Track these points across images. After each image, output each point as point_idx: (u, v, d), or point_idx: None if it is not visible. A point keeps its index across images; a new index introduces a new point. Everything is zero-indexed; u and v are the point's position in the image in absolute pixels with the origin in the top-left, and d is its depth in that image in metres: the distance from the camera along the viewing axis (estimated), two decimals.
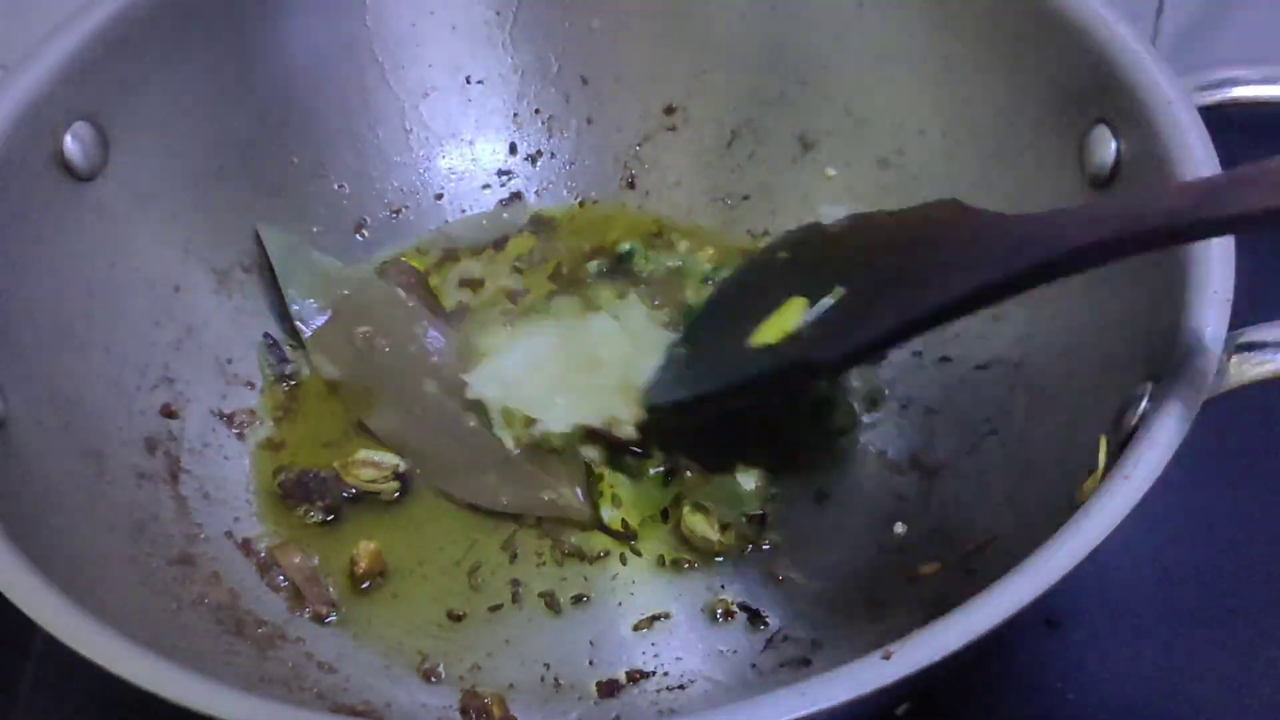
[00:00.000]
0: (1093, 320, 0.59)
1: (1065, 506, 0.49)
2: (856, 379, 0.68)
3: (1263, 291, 0.54)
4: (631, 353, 0.66)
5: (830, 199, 0.72)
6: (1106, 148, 0.59)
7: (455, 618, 0.62)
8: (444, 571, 0.63)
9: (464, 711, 0.57)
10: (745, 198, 0.74)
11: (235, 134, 0.70)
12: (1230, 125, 0.58)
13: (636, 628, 0.61)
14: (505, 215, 0.76)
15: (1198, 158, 0.55)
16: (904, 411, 0.67)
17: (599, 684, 0.59)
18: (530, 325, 0.70)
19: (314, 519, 0.65)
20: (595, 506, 0.65)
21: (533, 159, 0.77)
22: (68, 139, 0.62)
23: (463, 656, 0.60)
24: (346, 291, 0.70)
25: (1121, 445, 0.50)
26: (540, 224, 0.76)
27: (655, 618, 0.61)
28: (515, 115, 0.77)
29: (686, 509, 0.64)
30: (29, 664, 0.64)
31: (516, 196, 0.76)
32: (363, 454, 0.66)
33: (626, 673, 0.60)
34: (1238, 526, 0.66)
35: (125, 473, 0.62)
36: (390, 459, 0.67)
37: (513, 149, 0.77)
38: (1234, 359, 0.51)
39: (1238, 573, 0.65)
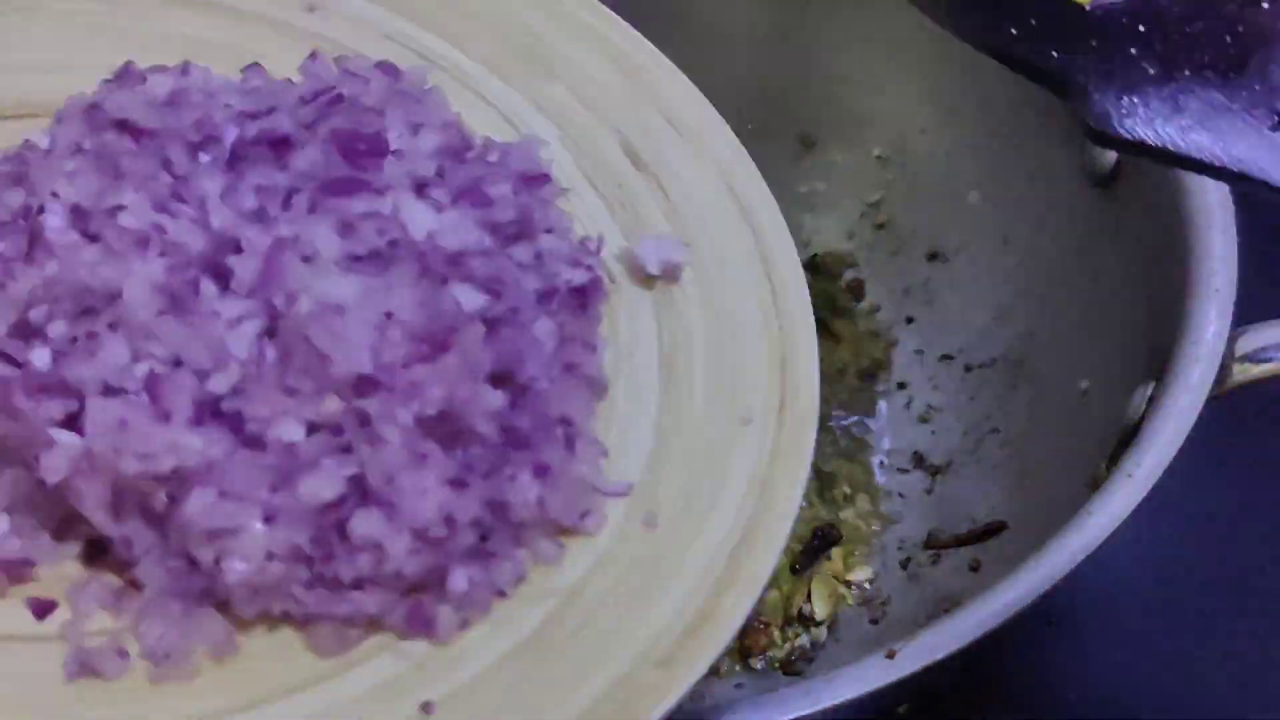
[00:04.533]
0: (1095, 319, 0.59)
1: (1067, 505, 0.49)
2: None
3: (1265, 290, 0.54)
4: None
5: (831, 198, 0.72)
6: None
7: None
8: None
9: None
10: None
11: None
12: None
13: None
14: None
15: None
16: (906, 410, 0.67)
17: None
18: None
19: None
20: None
21: None
22: None
23: None
24: None
25: (1124, 444, 0.50)
26: None
27: None
28: None
29: None
30: None
31: None
32: None
33: None
34: (1239, 526, 0.66)
35: None
36: None
37: None
38: (1236, 357, 0.51)
39: (1239, 572, 0.65)
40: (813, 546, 0.62)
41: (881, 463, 0.65)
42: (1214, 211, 0.53)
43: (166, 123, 0.40)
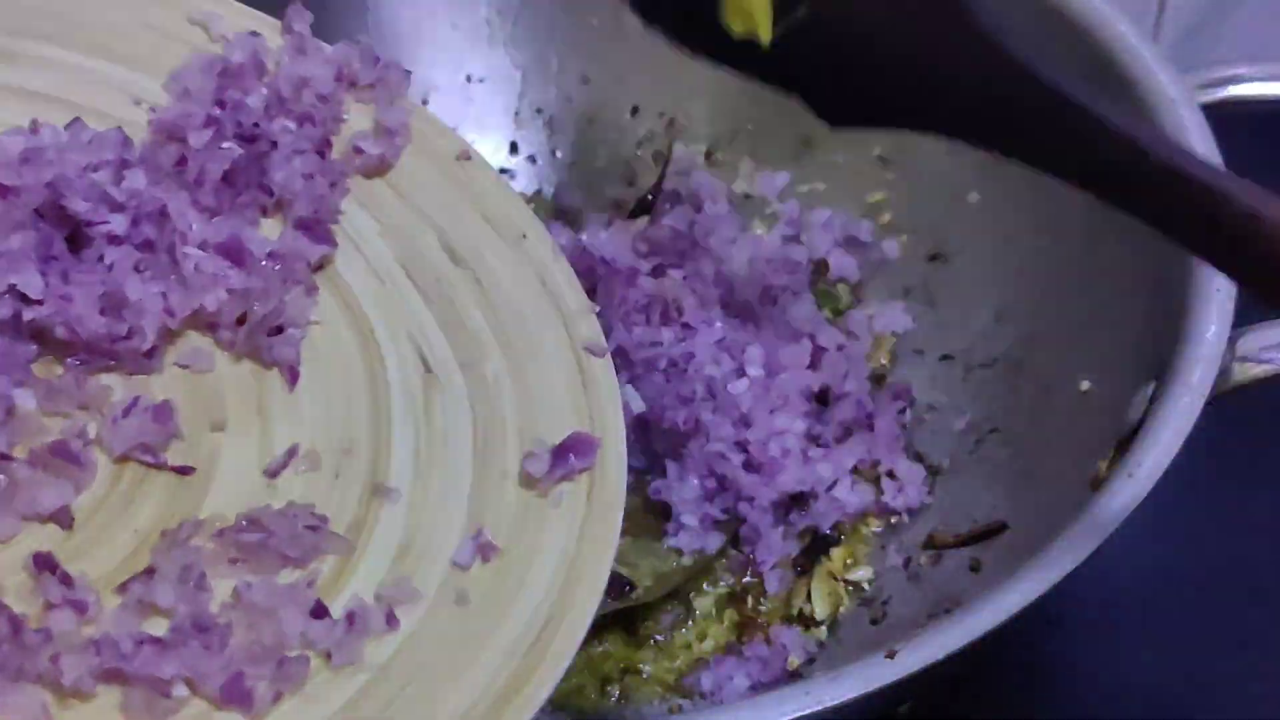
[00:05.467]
0: (1096, 319, 0.59)
1: (1068, 505, 0.49)
2: None
3: None
4: None
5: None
6: None
7: None
8: None
9: None
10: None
11: None
12: (1233, 123, 0.58)
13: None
14: None
15: (1200, 156, 0.55)
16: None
17: None
18: None
19: None
20: None
21: (533, 158, 0.77)
22: None
23: None
24: None
25: (1125, 444, 0.50)
26: None
27: None
28: (516, 114, 0.76)
29: None
30: None
31: None
32: None
33: None
34: (1240, 525, 0.66)
35: None
36: None
37: (514, 148, 0.77)
38: (1237, 357, 0.51)
39: (1240, 572, 0.65)
40: (813, 546, 0.62)
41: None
42: None
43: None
